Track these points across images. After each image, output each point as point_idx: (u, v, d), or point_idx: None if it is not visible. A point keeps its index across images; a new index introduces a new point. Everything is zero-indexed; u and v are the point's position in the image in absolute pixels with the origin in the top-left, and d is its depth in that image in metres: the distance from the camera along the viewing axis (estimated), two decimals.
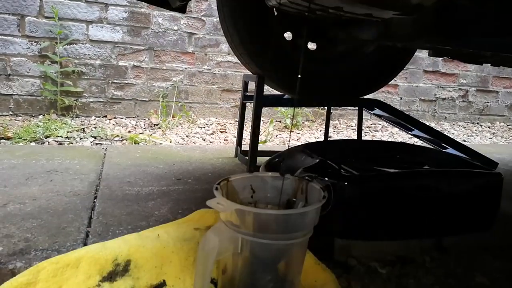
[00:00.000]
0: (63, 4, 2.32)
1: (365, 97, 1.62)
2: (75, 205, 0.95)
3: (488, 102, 3.40)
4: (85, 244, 0.73)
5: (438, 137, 1.57)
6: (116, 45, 2.46)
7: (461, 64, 3.20)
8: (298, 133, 2.58)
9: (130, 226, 0.83)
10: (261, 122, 2.67)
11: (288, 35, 1.50)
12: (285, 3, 0.87)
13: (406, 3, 0.71)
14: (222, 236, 0.56)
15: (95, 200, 1.00)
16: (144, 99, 2.54)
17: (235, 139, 2.05)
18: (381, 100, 1.62)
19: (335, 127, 2.82)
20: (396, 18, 0.82)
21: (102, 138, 2.04)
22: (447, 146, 1.56)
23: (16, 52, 2.32)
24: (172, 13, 2.48)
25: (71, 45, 2.38)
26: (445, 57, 1.43)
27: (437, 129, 1.77)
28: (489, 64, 1.36)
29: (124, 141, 2.03)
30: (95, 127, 2.24)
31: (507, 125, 3.42)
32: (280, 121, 2.80)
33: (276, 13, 1.44)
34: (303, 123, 2.81)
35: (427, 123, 3.07)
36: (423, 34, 1.03)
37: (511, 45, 1.01)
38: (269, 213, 0.56)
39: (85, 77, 2.43)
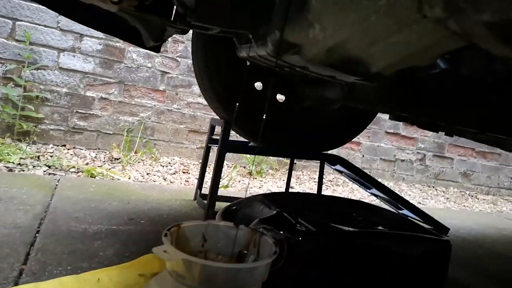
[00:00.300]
0: (36, 30, 2.29)
1: (329, 152, 1.66)
2: (14, 239, 0.88)
3: (443, 168, 3.56)
4: (16, 284, 0.68)
5: (395, 198, 1.62)
6: (86, 75, 2.43)
7: (420, 129, 3.37)
8: (261, 181, 2.58)
9: (70, 266, 0.78)
10: (225, 166, 2.67)
11: (258, 85, 1.54)
12: (254, 56, 0.90)
13: (366, 71, 0.75)
14: (165, 287, 0.53)
15: (36, 234, 0.94)
16: (107, 132, 2.49)
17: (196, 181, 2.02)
18: (344, 156, 1.66)
19: (298, 178, 2.85)
20: (359, 82, 0.87)
21: (56, 168, 1.96)
22: (403, 208, 1.60)
23: None
24: (148, 50, 2.50)
25: (38, 70, 2.33)
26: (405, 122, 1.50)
27: (395, 190, 1.82)
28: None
29: (80, 174, 1.95)
30: (51, 156, 2.15)
31: (460, 191, 3.58)
32: (244, 167, 2.80)
33: (248, 63, 1.49)
34: (267, 171, 2.82)
35: (386, 183, 3.16)
36: (383, 100, 1.08)
37: (462, 119, 1.08)
38: (217, 266, 0.54)
39: (49, 103, 2.37)
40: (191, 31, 1.39)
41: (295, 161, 2.18)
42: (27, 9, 2.27)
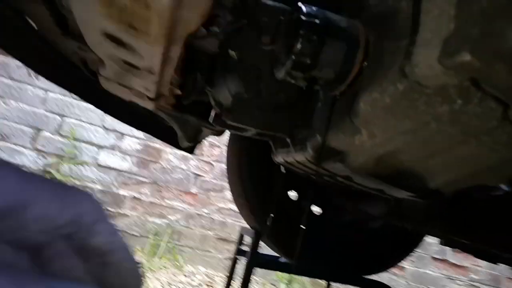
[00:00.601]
0: (82, 126, 2.39)
1: (370, 277, 1.46)
2: None
3: None
4: None
5: None
6: (121, 173, 2.45)
7: (471, 256, 3.04)
8: None
9: None
10: (253, 281, 2.44)
11: (293, 194, 1.44)
12: (292, 162, 0.82)
13: (422, 187, 0.64)
14: None
15: None
16: (134, 234, 2.40)
17: None
18: (386, 281, 1.45)
19: None
20: (409, 199, 0.75)
21: None
22: None
23: (21, 163, 2.31)
24: (184, 152, 2.52)
25: (77, 166, 2.37)
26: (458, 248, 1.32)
27: None
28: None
29: None
30: None
31: None
32: (274, 285, 2.56)
33: (284, 170, 1.41)
34: None
35: None
36: (434, 221, 0.94)
37: None
38: None
39: None
40: (227, 134, 1.37)
41: (330, 283, 1.95)
42: (76, 107, 2.40)
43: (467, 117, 0.48)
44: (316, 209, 1.48)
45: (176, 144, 1.31)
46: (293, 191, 1.44)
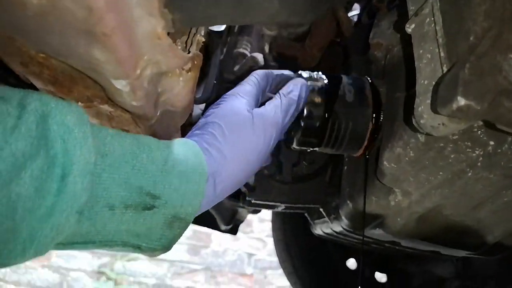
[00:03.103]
0: None
1: None
2: None
3: None
4: None
5: None
6: (173, 264, 2.42)
7: None
8: None
9: None
10: None
11: (351, 263, 1.33)
12: (331, 233, 0.76)
13: (479, 242, 0.55)
14: None
15: None
16: None
17: None
18: None
19: None
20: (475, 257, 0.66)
21: None
22: None
23: (76, 267, 2.35)
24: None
25: (129, 262, 2.38)
26: None
27: None
28: None
29: None
30: None
31: None
32: None
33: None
34: None
35: None
36: None
37: None
38: None
39: None
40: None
41: None
42: None
43: (506, 158, 0.42)
44: (380, 276, 1.34)
45: (217, 228, 1.28)
46: (351, 259, 1.34)
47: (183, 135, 0.45)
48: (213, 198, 0.40)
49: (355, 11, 0.86)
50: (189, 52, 0.34)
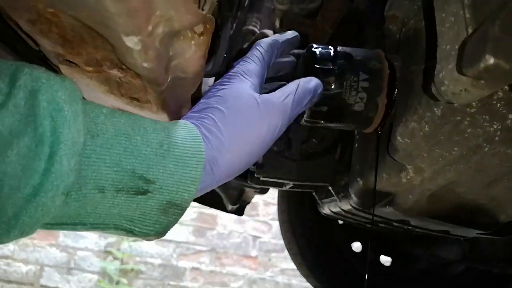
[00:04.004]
0: None
1: None
2: None
3: None
4: None
5: None
6: (179, 245, 2.44)
7: None
8: None
9: None
10: None
11: (356, 246, 1.33)
12: (339, 212, 0.75)
13: (491, 221, 0.54)
14: None
15: None
16: None
17: None
18: None
19: None
20: (485, 238, 0.65)
21: None
22: None
23: (83, 246, 2.38)
24: (239, 217, 2.48)
25: (136, 242, 2.40)
26: None
27: None
28: None
29: None
30: None
31: None
32: None
33: (341, 221, 1.32)
34: None
35: None
36: None
37: None
38: None
39: (142, 276, 2.35)
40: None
41: None
42: None
43: None
44: (385, 259, 1.34)
45: (224, 208, 1.28)
46: (356, 242, 1.34)
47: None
48: (210, 185, 0.39)
49: None
50: (203, 11, 0.33)
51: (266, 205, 2.60)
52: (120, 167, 0.31)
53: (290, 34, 0.52)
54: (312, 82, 0.46)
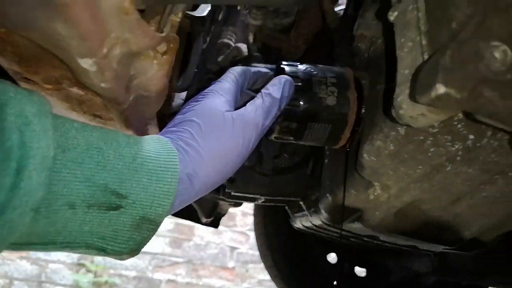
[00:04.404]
0: None
1: None
2: None
3: None
4: None
5: None
6: (155, 257, 2.40)
7: None
8: None
9: None
10: None
11: (332, 257, 1.34)
12: (311, 227, 0.75)
13: (456, 238, 0.55)
14: None
15: None
16: None
17: None
18: None
19: None
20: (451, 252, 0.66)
21: None
22: None
23: (55, 258, 2.31)
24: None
25: None
26: None
27: None
28: None
29: None
30: None
31: None
32: None
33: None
34: None
35: None
36: (492, 272, 0.82)
37: None
38: None
39: None
40: None
41: None
42: None
43: (484, 153, 0.42)
44: (360, 270, 1.35)
45: (198, 220, 1.27)
46: (332, 253, 1.34)
47: (164, 125, 0.44)
48: (189, 198, 0.39)
49: (342, 6, 0.86)
50: (162, 33, 0.33)
51: (243, 215, 2.59)
52: (91, 182, 0.31)
53: (265, 69, 0.53)
54: (279, 89, 0.47)
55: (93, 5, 0.25)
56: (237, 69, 0.48)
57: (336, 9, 0.88)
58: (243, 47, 0.83)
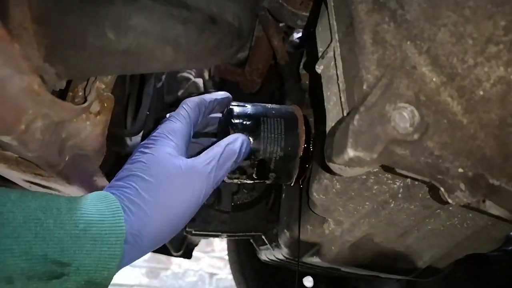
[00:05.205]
0: None
1: None
2: None
3: None
4: None
5: None
6: None
7: None
8: None
9: None
10: None
11: (309, 280, 1.33)
12: (275, 260, 0.76)
13: (411, 268, 0.56)
14: None
15: None
16: None
17: None
18: None
19: None
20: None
21: None
22: None
23: None
24: (194, 253, 2.42)
25: None
26: None
27: None
28: None
29: None
30: None
31: None
32: None
33: None
34: None
35: None
36: None
37: None
38: None
39: None
40: None
41: None
42: None
43: (423, 190, 0.43)
44: None
45: (169, 253, 1.25)
46: (308, 277, 1.34)
47: (119, 167, 0.43)
48: (138, 255, 0.38)
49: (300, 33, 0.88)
50: (85, 101, 0.33)
51: (221, 241, 2.56)
52: (30, 255, 0.30)
53: (221, 94, 0.52)
54: (237, 142, 0.46)
55: (0, 91, 0.25)
56: (191, 103, 0.47)
57: (296, 36, 0.90)
58: (200, 82, 0.84)
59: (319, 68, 0.35)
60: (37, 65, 0.26)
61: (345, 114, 0.29)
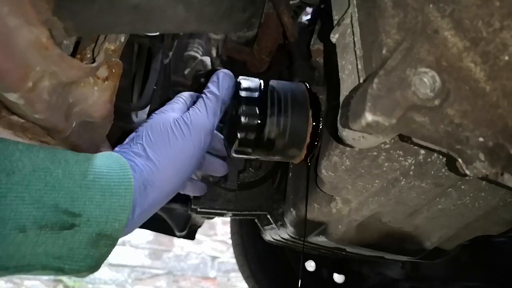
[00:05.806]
0: None
1: None
2: None
3: None
4: None
5: None
6: (134, 269, 2.36)
7: None
8: None
9: None
10: None
11: (311, 265, 1.34)
12: (280, 240, 0.75)
13: (418, 248, 0.56)
14: None
15: None
16: None
17: None
18: None
19: None
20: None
21: None
22: None
23: (32, 277, 2.25)
24: (197, 236, 2.43)
25: None
26: None
27: None
28: None
29: None
30: None
31: None
32: None
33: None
34: None
35: None
36: (461, 277, 0.83)
37: None
38: None
39: None
40: None
41: None
42: None
43: (435, 167, 0.42)
44: (338, 278, 1.35)
45: (173, 233, 1.26)
46: (310, 261, 1.34)
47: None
48: (149, 207, 0.39)
49: (308, 16, 0.86)
50: (93, 61, 0.32)
51: (224, 224, 2.57)
52: (41, 203, 0.30)
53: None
54: (217, 86, 0.49)
55: (7, 42, 0.24)
56: (184, 94, 0.51)
57: (304, 18, 0.88)
58: (207, 60, 0.83)
59: (334, 37, 0.34)
60: (46, 18, 0.25)
61: (361, 82, 0.28)
